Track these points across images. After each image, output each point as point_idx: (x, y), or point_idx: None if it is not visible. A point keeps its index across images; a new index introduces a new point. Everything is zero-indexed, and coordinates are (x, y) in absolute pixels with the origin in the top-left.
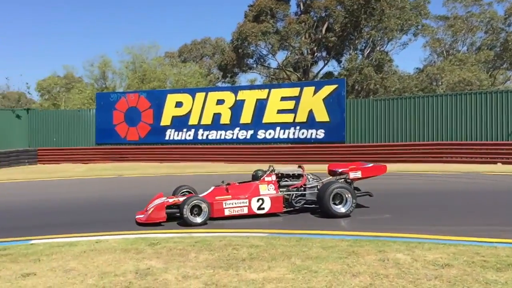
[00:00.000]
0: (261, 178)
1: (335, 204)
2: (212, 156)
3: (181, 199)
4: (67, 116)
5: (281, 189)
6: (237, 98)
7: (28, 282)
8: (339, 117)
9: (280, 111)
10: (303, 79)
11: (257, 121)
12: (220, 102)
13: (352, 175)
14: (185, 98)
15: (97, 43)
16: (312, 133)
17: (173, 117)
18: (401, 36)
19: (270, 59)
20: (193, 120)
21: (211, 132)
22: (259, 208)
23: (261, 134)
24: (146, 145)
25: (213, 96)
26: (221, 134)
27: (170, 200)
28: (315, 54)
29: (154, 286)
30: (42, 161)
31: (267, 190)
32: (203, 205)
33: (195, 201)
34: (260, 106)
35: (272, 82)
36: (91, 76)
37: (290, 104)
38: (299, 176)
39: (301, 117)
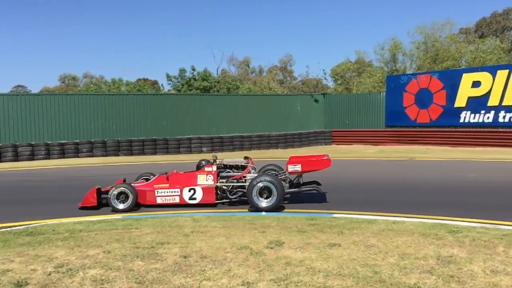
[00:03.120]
0: (200, 168)
1: (263, 197)
2: None
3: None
4: (358, 100)
5: (221, 180)
6: None
7: (334, 251)
8: None
9: None
10: None
11: None
12: None
13: (290, 168)
14: (484, 77)
15: (387, 27)
16: None
17: (469, 98)
18: None
19: None
20: (493, 101)
21: None
22: (190, 198)
23: None
24: (438, 128)
25: None
26: None
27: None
28: None
29: (458, 276)
30: (336, 142)
31: (205, 180)
32: (129, 193)
33: (121, 189)
34: None
35: None
36: (381, 60)
37: None
38: (243, 168)
39: None
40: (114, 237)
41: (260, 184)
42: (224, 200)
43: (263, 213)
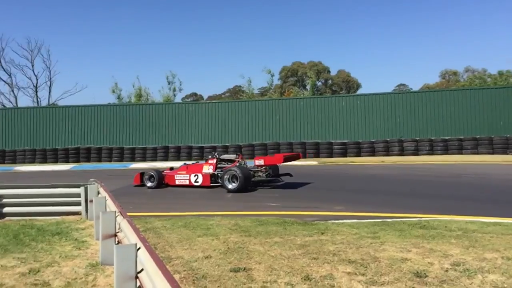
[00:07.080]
0: (206, 161)
1: (233, 182)
2: None
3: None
4: None
5: (218, 169)
6: None
7: None
8: None
9: None
10: None
11: None
12: None
13: (257, 162)
14: None
15: None
16: None
17: None
18: None
19: None
20: None
21: None
22: (195, 182)
23: None
24: None
25: None
26: None
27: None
28: None
29: None
30: None
31: (207, 169)
32: (155, 176)
33: (150, 173)
34: None
35: None
36: None
37: None
38: (234, 161)
39: None
40: None
41: (229, 172)
42: (216, 184)
43: None
